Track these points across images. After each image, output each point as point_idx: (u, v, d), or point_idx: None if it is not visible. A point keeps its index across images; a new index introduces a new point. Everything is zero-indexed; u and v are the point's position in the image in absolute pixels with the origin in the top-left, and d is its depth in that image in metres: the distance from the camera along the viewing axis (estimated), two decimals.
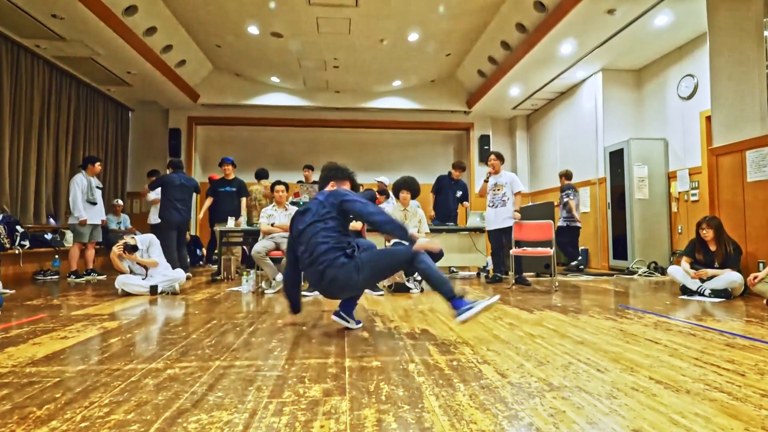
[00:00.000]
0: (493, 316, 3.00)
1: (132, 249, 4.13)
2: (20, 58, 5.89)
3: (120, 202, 7.18)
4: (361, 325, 2.67)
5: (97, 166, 5.65)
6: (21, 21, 5.26)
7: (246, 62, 7.78)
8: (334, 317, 2.62)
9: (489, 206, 5.09)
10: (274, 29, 6.49)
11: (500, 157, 5.12)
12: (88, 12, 5.02)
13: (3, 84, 5.59)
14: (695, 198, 5.78)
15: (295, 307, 2.75)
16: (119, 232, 6.70)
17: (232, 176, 6.19)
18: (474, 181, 9.41)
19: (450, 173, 6.27)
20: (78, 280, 5.29)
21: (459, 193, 6.27)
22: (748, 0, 4.07)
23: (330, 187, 2.68)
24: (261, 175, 6.58)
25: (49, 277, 5.58)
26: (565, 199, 6.49)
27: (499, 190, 5.02)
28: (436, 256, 4.39)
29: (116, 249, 4.08)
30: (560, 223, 6.55)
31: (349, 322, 2.61)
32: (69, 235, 6.22)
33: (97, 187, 5.71)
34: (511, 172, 5.17)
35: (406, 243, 2.45)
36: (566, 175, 6.77)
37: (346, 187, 2.70)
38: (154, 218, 6.37)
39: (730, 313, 3.07)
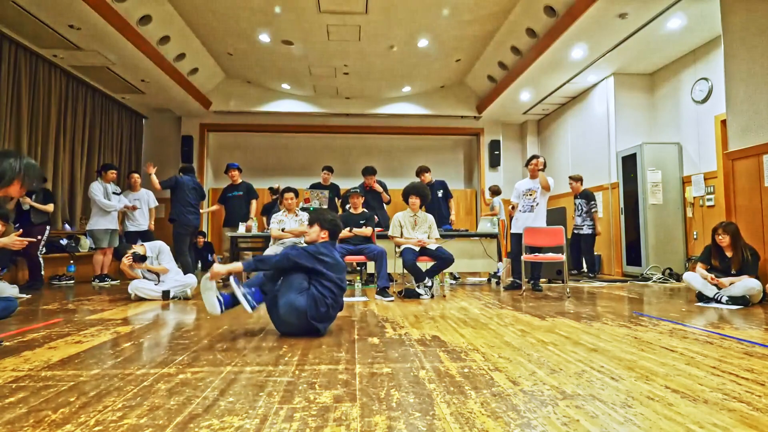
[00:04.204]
0: (504, 322, 2.97)
1: (141, 259, 4.15)
2: (38, 68, 6.04)
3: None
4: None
5: (110, 173, 5.77)
6: (39, 32, 5.40)
7: (257, 70, 7.88)
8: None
9: (519, 211, 4.97)
10: (285, 37, 6.57)
11: (539, 158, 4.89)
12: (104, 22, 5.14)
13: (21, 93, 5.74)
14: (711, 203, 5.68)
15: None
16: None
17: (239, 181, 6.25)
18: (485, 186, 9.38)
19: (420, 182, 6.14)
20: (102, 284, 5.47)
21: (440, 193, 6.11)
22: (763, 1, 4.02)
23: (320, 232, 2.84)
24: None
25: (65, 282, 5.67)
26: (595, 209, 6.47)
27: (531, 195, 4.89)
28: (447, 261, 4.40)
29: (125, 260, 4.12)
30: (587, 230, 6.46)
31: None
32: (84, 240, 6.33)
33: (114, 193, 5.84)
34: (546, 175, 4.88)
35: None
36: (581, 180, 6.73)
37: (324, 235, 2.83)
38: (131, 226, 6.09)
39: (748, 320, 3.00)
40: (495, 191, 7.83)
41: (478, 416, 1.38)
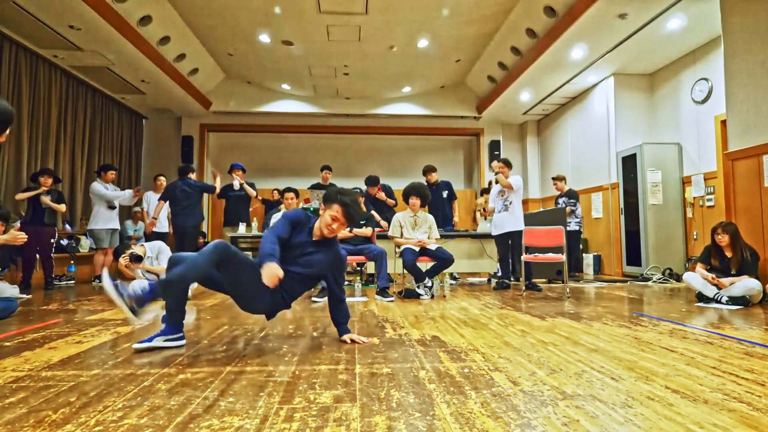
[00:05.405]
0: (504, 322, 2.97)
1: (137, 259, 4.13)
2: (38, 68, 6.04)
3: (139, 209, 7.28)
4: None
5: (110, 174, 5.78)
6: (39, 32, 5.40)
7: (257, 70, 7.88)
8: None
9: (496, 212, 5.14)
10: (285, 37, 6.57)
11: (508, 164, 5.15)
12: (104, 22, 5.14)
13: (22, 93, 5.74)
14: (711, 203, 5.68)
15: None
16: (135, 238, 6.80)
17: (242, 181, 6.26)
18: (484, 187, 9.38)
19: (426, 181, 6.12)
20: (102, 284, 5.46)
21: (445, 194, 6.13)
22: (763, 2, 4.02)
23: (321, 211, 2.39)
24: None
25: (65, 282, 5.67)
26: (573, 207, 6.44)
27: (502, 195, 5.11)
28: (447, 261, 4.40)
29: (122, 260, 4.11)
30: (574, 227, 6.43)
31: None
32: (84, 241, 6.34)
33: None
34: (515, 175, 5.18)
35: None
36: (565, 180, 6.75)
37: (335, 211, 2.32)
38: (167, 226, 6.44)
39: (748, 321, 3.01)
40: None
41: (478, 416, 1.38)
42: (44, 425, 1.32)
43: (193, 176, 5.98)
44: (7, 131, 2.06)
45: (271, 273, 2.02)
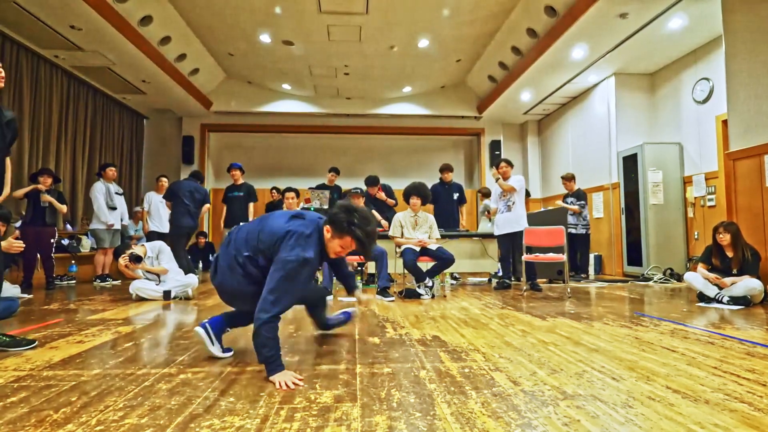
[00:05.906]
0: (504, 322, 2.97)
1: (137, 259, 4.13)
2: (39, 68, 6.05)
3: (140, 209, 7.28)
4: (229, 354, 2.12)
5: (109, 171, 5.78)
6: (41, 32, 5.41)
7: (258, 70, 7.89)
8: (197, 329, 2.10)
9: (499, 212, 5.13)
10: (286, 37, 6.58)
11: (510, 164, 5.14)
12: (105, 23, 5.15)
13: (23, 93, 5.75)
14: (712, 203, 5.67)
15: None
16: (137, 238, 6.80)
17: (240, 181, 6.26)
18: (485, 186, 9.38)
19: (441, 179, 6.15)
20: (103, 284, 5.47)
21: (456, 195, 6.15)
22: (764, 1, 4.02)
23: (326, 233, 1.94)
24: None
25: (66, 282, 5.68)
26: (577, 207, 6.40)
27: (505, 196, 5.08)
28: (447, 261, 4.40)
29: (122, 260, 4.11)
30: (581, 230, 6.37)
31: (213, 343, 2.08)
32: (85, 240, 6.35)
33: (117, 193, 5.86)
34: (517, 175, 5.18)
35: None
36: (574, 179, 6.67)
37: (348, 243, 1.94)
38: (152, 225, 6.39)
39: (749, 321, 3.00)
40: (485, 194, 7.78)
41: (479, 416, 1.38)
42: (45, 425, 1.32)
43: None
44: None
45: (288, 382, 1.68)
